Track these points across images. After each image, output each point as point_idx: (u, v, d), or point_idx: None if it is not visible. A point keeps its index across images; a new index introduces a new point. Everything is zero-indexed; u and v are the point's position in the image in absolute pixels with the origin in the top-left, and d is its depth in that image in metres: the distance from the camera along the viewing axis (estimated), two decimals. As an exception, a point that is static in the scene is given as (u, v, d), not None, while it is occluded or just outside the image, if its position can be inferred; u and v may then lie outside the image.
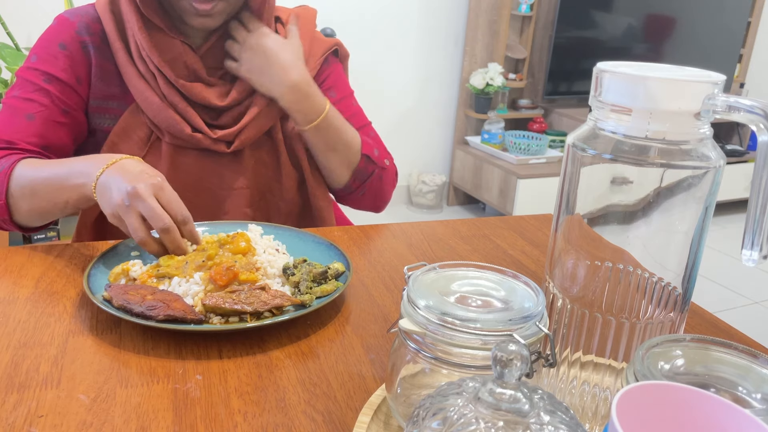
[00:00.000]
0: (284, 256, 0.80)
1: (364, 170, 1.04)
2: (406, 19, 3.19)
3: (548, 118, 3.57)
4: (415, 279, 0.49)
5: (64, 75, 0.93)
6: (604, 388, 0.50)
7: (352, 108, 1.08)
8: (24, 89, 0.92)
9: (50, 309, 0.70)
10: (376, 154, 1.05)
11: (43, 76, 0.92)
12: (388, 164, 1.07)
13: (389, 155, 1.10)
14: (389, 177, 1.08)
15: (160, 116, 0.94)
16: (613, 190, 0.46)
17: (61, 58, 0.93)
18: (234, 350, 0.64)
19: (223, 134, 0.96)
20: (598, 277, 0.48)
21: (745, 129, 3.72)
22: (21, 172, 0.85)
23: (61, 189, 0.82)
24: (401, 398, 0.50)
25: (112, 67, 0.95)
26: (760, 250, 0.44)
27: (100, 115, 0.97)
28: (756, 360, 0.42)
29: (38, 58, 0.93)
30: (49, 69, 0.92)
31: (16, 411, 0.53)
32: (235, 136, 0.97)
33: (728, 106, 0.43)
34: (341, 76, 1.09)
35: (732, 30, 3.66)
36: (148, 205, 0.74)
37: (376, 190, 1.07)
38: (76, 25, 0.94)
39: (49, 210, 0.85)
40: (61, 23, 0.95)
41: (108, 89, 0.96)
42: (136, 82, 0.94)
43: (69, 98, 0.93)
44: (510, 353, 0.36)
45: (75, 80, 0.94)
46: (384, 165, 1.06)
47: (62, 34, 0.94)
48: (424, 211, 3.44)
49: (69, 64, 0.93)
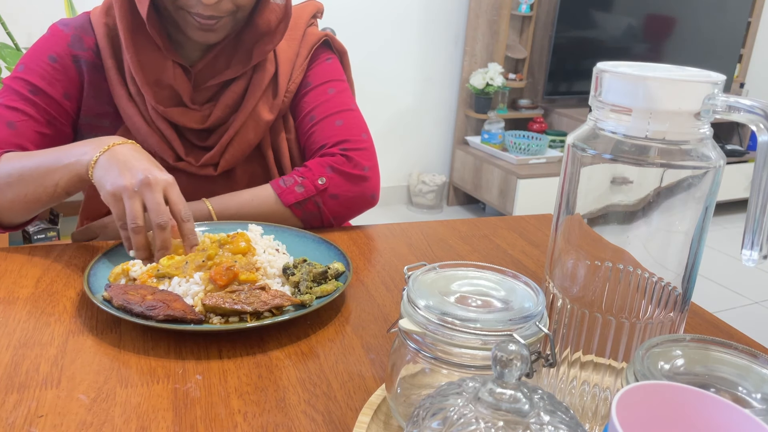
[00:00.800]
0: (284, 256, 0.80)
1: (306, 212, 0.94)
2: (406, 19, 3.19)
3: (548, 118, 3.57)
4: (415, 279, 0.49)
5: (50, 89, 0.91)
6: (604, 388, 0.50)
7: (324, 96, 1.02)
8: (8, 97, 0.90)
9: (50, 309, 0.70)
10: (300, 191, 0.93)
11: (29, 87, 0.90)
12: (323, 183, 0.94)
13: (332, 160, 0.96)
14: (333, 192, 0.95)
15: (146, 143, 0.93)
16: (613, 190, 0.46)
17: (50, 70, 0.91)
18: (234, 350, 0.64)
19: (207, 159, 0.95)
20: (598, 277, 0.48)
21: (745, 129, 3.72)
22: (6, 162, 0.83)
23: (52, 171, 0.80)
24: (401, 398, 0.50)
25: (105, 85, 0.93)
26: (760, 250, 0.44)
27: (91, 133, 0.95)
28: (756, 360, 0.42)
29: (26, 67, 0.91)
30: (36, 81, 0.90)
31: (16, 411, 0.53)
32: (220, 157, 0.96)
33: (728, 106, 0.43)
34: (322, 66, 1.04)
35: (732, 30, 3.66)
36: (156, 198, 0.74)
37: (332, 211, 0.96)
38: (69, 38, 0.92)
39: (36, 197, 0.82)
40: (53, 34, 0.93)
41: (100, 107, 0.94)
42: (125, 105, 0.92)
43: (55, 111, 0.91)
44: (510, 353, 0.36)
45: (62, 95, 0.92)
46: (318, 188, 0.93)
47: (54, 46, 0.92)
48: (424, 211, 3.44)
49: (57, 78, 0.91)
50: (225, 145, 0.96)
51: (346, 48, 1.08)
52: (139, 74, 0.89)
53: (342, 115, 1.01)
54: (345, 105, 1.02)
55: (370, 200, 0.98)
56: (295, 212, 0.93)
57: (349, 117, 1.01)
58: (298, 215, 0.93)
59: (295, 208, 0.93)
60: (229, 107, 0.96)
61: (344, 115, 1.01)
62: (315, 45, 1.03)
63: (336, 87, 1.03)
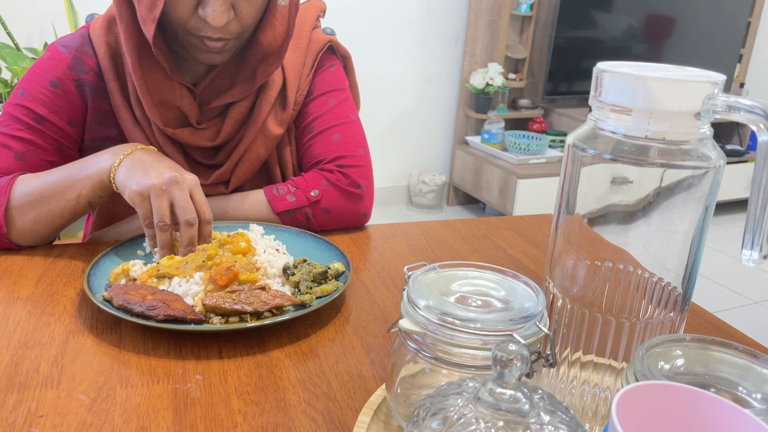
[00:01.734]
0: (284, 256, 0.80)
1: (294, 221, 0.93)
2: (406, 19, 3.19)
3: (548, 118, 3.57)
4: (415, 279, 0.49)
5: (54, 117, 0.89)
6: (604, 388, 0.50)
7: (324, 107, 1.00)
8: (12, 126, 0.88)
9: (50, 309, 0.70)
10: (291, 200, 0.92)
11: (34, 116, 0.88)
12: (316, 195, 0.93)
13: (330, 173, 0.96)
14: (325, 206, 0.94)
15: None
16: (613, 190, 0.46)
17: (52, 97, 0.88)
18: (234, 350, 0.64)
19: (217, 176, 0.94)
20: (598, 277, 0.48)
21: (745, 129, 3.72)
22: (24, 183, 0.83)
23: (74, 183, 0.81)
24: (401, 398, 0.50)
25: (108, 108, 0.92)
26: (760, 250, 0.44)
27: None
28: (756, 360, 0.42)
29: (27, 94, 0.88)
30: (39, 109, 0.88)
31: (16, 411, 0.53)
32: (231, 174, 0.95)
33: (728, 106, 0.43)
34: (326, 74, 1.02)
35: (732, 30, 3.66)
36: (184, 196, 0.76)
37: (321, 223, 0.95)
38: (70, 60, 0.89)
39: (59, 212, 0.82)
40: (53, 57, 0.90)
41: (105, 131, 0.93)
42: (131, 129, 0.91)
43: (62, 138, 0.90)
44: (510, 353, 0.36)
45: (67, 122, 0.90)
46: (311, 199, 0.93)
47: (54, 71, 0.89)
48: (424, 211, 3.44)
49: (60, 105, 0.89)
50: (235, 162, 0.95)
51: (349, 52, 1.07)
52: (146, 97, 0.87)
53: (340, 128, 1.00)
54: (344, 117, 1.01)
55: (362, 218, 0.98)
56: (284, 220, 0.93)
57: (347, 131, 1.00)
58: (287, 223, 0.93)
59: (284, 216, 0.92)
60: (238, 122, 0.94)
61: (342, 129, 1.00)
62: (320, 52, 1.01)
63: (337, 97, 1.02)
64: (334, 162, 0.97)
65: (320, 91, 1.01)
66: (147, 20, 0.81)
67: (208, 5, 0.80)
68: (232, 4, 0.82)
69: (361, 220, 0.98)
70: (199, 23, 0.82)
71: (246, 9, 0.83)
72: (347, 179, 0.96)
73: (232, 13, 0.82)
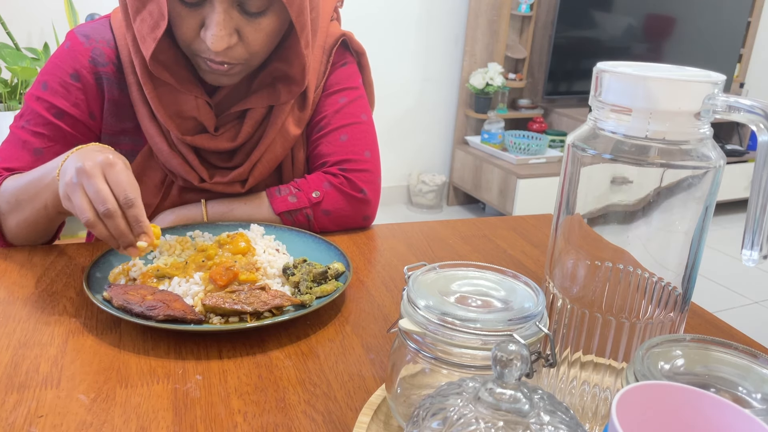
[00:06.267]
0: (284, 256, 0.80)
1: (295, 222, 0.93)
2: (405, 19, 3.19)
3: (548, 118, 3.57)
4: (415, 279, 0.49)
5: (76, 111, 0.87)
6: (604, 388, 0.50)
7: (334, 105, 0.99)
8: (32, 121, 0.87)
9: (50, 309, 0.70)
10: (293, 201, 0.92)
11: (53, 110, 0.86)
12: (317, 196, 0.93)
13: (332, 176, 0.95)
14: (327, 208, 0.94)
15: (170, 164, 0.90)
16: (613, 190, 0.46)
17: (74, 90, 0.87)
18: (234, 350, 0.64)
19: (235, 176, 0.92)
20: (598, 277, 0.48)
21: (745, 129, 3.72)
22: (6, 187, 0.82)
23: (39, 192, 0.78)
24: (401, 398, 0.50)
25: (125, 101, 0.90)
26: (760, 250, 0.44)
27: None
28: (756, 360, 0.42)
29: (48, 87, 0.87)
30: (59, 103, 0.86)
31: (16, 411, 0.53)
32: (249, 173, 0.93)
33: (728, 106, 0.43)
34: (338, 71, 1.00)
35: (732, 30, 3.66)
36: (93, 184, 0.69)
37: (322, 225, 0.94)
38: (90, 53, 0.88)
39: (34, 219, 0.81)
40: (74, 47, 0.88)
41: (120, 125, 0.91)
42: (148, 125, 0.89)
43: (81, 133, 0.89)
44: (510, 353, 0.36)
45: (88, 115, 0.89)
46: (312, 201, 0.92)
47: (75, 63, 0.87)
48: (424, 211, 3.44)
49: (82, 98, 0.88)
50: (254, 162, 0.93)
51: (364, 48, 1.03)
52: (160, 109, 0.86)
53: (348, 129, 0.98)
54: (354, 117, 0.99)
55: (363, 222, 0.97)
56: (285, 221, 0.92)
57: (355, 131, 0.98)
58: (287, 224, 0.92)
59: (284, 216, 0.92)
60: (257, 122, 0.92)
61: (350, 129, 0.98)
62: (333, 48, 0.99)
63: (348, 96, 0.99)
64: (338, 165, 0.96)
65: (332, 89, 0.99)
66: (147, 39, 0.79)
67: (209, 28, 0.77)
68: (236, 29, 0.79)
69: (361, 223, 0.97)
70: (202, 45, 0.80)
71: (252, 36, 0.80)
72: (350, 183, 0.95)
73: (235, 38, 0.79)
